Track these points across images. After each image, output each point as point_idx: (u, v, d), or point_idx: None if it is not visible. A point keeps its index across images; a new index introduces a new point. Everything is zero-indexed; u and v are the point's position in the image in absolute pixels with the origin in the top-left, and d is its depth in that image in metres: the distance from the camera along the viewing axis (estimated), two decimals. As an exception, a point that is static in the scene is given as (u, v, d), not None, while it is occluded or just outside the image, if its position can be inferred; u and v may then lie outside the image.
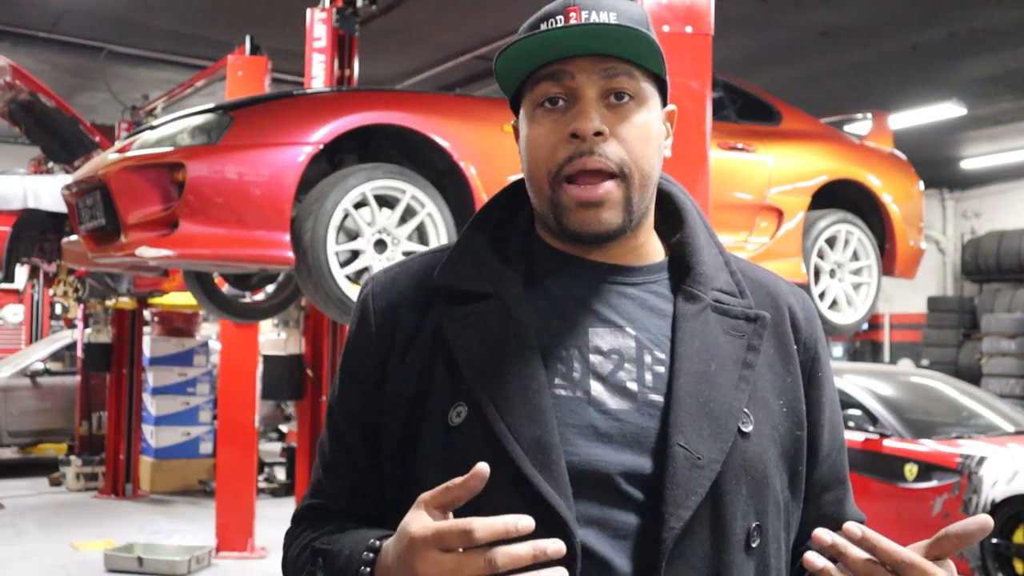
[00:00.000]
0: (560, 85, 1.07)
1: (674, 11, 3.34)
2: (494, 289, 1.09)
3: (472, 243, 1.14)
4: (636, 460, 1.02)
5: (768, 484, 1.07)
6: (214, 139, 3.53)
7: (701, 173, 3.37)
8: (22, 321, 14.15)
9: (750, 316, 1.12)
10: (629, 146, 1.07)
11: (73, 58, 9.36)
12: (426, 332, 1.10)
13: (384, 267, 1.22)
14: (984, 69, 9.49)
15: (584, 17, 1.05)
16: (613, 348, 1.07)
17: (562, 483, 0.99)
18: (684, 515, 0.99)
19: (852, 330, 5.63)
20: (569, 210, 1.07)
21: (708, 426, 1.03)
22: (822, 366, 1.17)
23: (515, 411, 1.01)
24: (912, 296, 15.34)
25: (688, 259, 1.13)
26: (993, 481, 5.62)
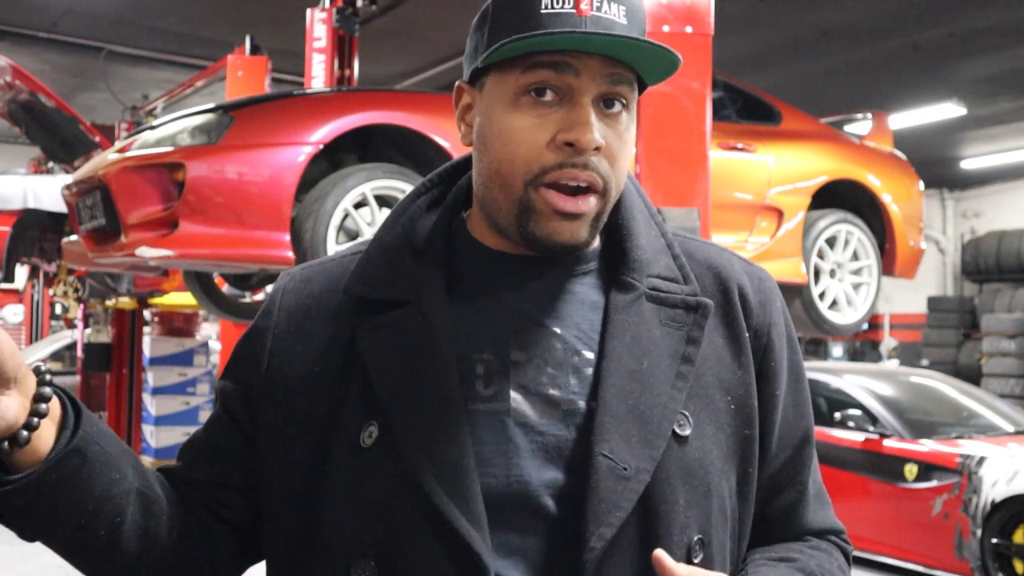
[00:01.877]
0: (560, 78, 0.95)
1: (674, 11, 3.34)
2: (411, 295, 0.99)
3: (386, 244, 1.03)
4: (558, 476, 0.93)
5: (711, 491, 0.96)
6: (214, 139, 3.53)
7: (701, 173, 3.37)
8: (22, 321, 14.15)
9: (690, 304, 1.00)
10: (615, 162, 0.97)
11: (73, 58, 9.37)
12: (339, 342, 1.00)
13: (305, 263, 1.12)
14: (984, 69, 9.50)
15: (595, 5, 0.93)
16: (536, 352, 0.97)
17: (476, 512, 0.90)
18: (606, 533, 0.90)
19: (852, 330, 5.63)
20: (542, 216, 0.96)
21: (637, 432, 0.93)
22: (775, 356, 1.05)
23: (426, 432, 0.92)
24: (912, 296, 15.35)
25: (623, 243, 1.02)
26: (993, 481, 5.62)
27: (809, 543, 1.09)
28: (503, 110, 0.97)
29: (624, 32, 0.93)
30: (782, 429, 1.06)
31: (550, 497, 0.93)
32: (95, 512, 0.92)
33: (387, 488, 0.93)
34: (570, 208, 0.95)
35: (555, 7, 0.93)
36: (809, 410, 1.10)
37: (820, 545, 1.09)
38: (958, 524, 5.76)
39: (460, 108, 1.04)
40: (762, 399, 1.03)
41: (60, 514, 0.91)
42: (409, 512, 0.91)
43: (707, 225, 3.35)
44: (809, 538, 1.09)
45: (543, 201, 0.95)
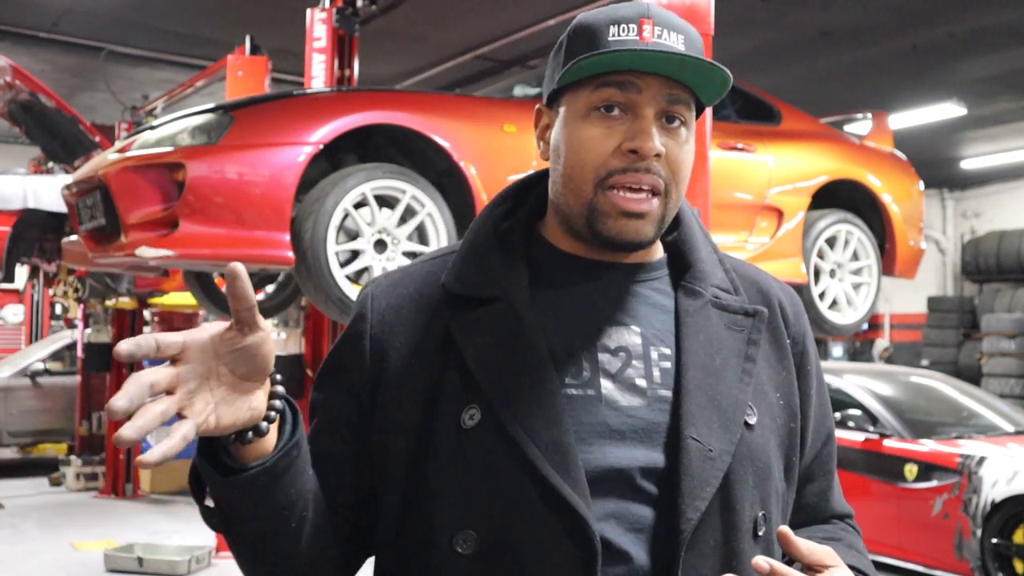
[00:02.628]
0: (625, 95, 1.08)
1: (674, 11, 3.34)
2: (501, 292, 1.10)
3: (476, 246, 1.15)
4: (650, 455, 1.05)
5: (771, 474, 1.10)
6: (214, 139, 3.53)
7: (701, 173, 3.37)
8: (22, 321, 14.15)
9: (748, 311, 1.14)
10: (675, 170, 1.09)
11: (73, 58, 9.36)
12: (433, 337, 1.10)
13: (385, 272, 1.23)
14: (984, 69, 9.50)
15: (657, 33, 1.07)
16: (620, 346, 1.10)
17: (579, 482, 1.01)
18: (700, 506, 1.02)
19: (852, 330, 5.63)
20: (609, 216, 1.08)
21: (717, 419, 1.06)
22: (810, 359, 1.21)
23: (530, 413, 1.03)
24: (912, 296, 15.35)
25: (687, 256, 1.16)
26: (993, 481, 5.62)
27: (838, 525, 1.27)
28: (575, 124, 1.10)
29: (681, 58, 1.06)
30: (815, 424, 1.21)
31: (643, 473, 1.04)
32: (293, 504, 1.04)
33: (491, 465, 1.02)
34: (633, 207, 1.08)
35: (621, 36, 1.08)
36: (831, 409, 1.26)
37: (847, 527, 1.27)
38: (958, 524, 5.76)
39: (539, 128, 1.18)
40: (801, 397, 1.18)
41: (270, 502, 1.01)
42: (515, 485, 1.01)
43: (707, 225, 3.35)
44: (835, 521, 1.27)
45: (610, 203, 1.08)
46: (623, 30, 1.08)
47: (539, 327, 1.08)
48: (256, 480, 0.99)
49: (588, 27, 1.10)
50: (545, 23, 8.13)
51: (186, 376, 0.92)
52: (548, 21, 8.08)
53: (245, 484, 0.99)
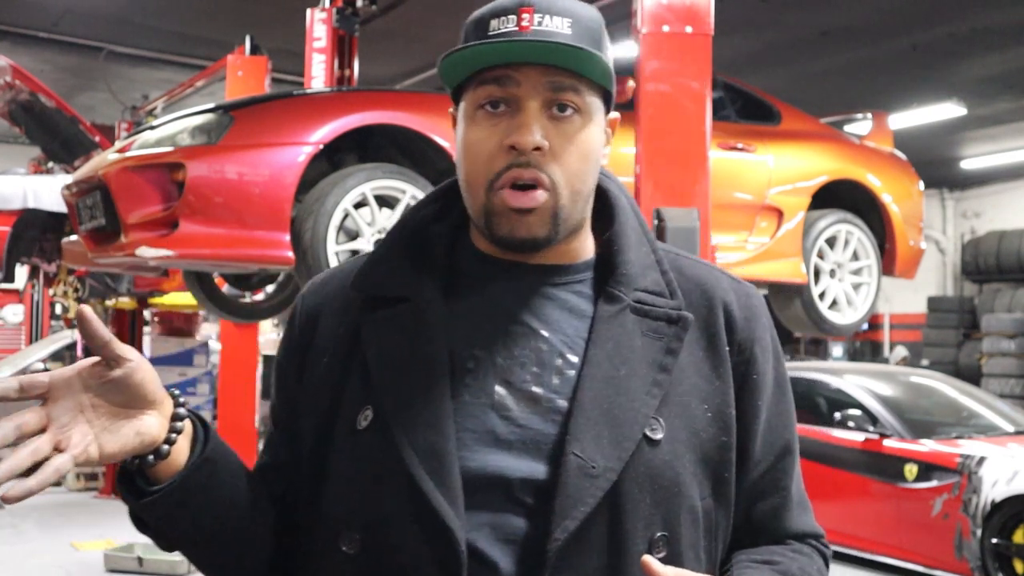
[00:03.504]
0: (504, 90, 1.04)
1: (674, 11, 3.34)
2: (410, 293, 1.08)
3: (391, 247, 1.13)
4: (533, 467, 1.01)
5: (680, 492, 1.03)
6: (214, 139, 3.53)
7: (701, 173, 3.37)
8: (22, 321, 14.14)
9: (672, 318, 1.08)
10: (566, 164, 1.05)
11: (73, 58, 9.37)
12: (346, 336, 1.10)
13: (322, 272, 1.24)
14: (984, 69, 9.50)
15: (537, 21, 1.03)
16: (524, 352, 1.06)
17: (452, 490, 0.99)
18: (570, 525, 0.97)
19: (852, 330, 5.63)
20: (501, 215, 1.05)
21: (609, 433, 1.00)
22: (758, 368, 1.12)
23: (414, 417, 1.02)
24: (912, 296, 15.35)
25: (613, 258, 1.11)
26: (993, 481, 5.62)
27: (791, 547, 1.14)
28: (465, 126, 1.08)
29: (569, 42, 1.02)
30: (765, 438, 1.13)
31: (524, 485, 1.01)
32: (225, 515, 1.06)
33: (376, 467, 1.02)
34: (519, 203, 1.04)
35: (501, 28, 1.04)
36: (792, 421, 1.17)
37: (802, 548, 1.15)
38: (958, 524, 5.76)
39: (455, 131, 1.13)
40: (744, 409, 1.10)
41: (197, 517, 1.04)
42: (393, 489, 1.00)
43: (707, 225, 3.35)
44: (791, 542, 1.15)
45: (500, 201, 1.05)
46: (503, 22, 1.04)
47: (443, 330, 1.06)
48: (165, 500, 1.01)
49: (475, 22, 1.08)
50: (545, 23, 8.12)
51: (57, 413, 0.95)
52: (548, 21, 8.08)
53: (153, 505, 1.01)
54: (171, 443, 1.00)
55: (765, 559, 1.10)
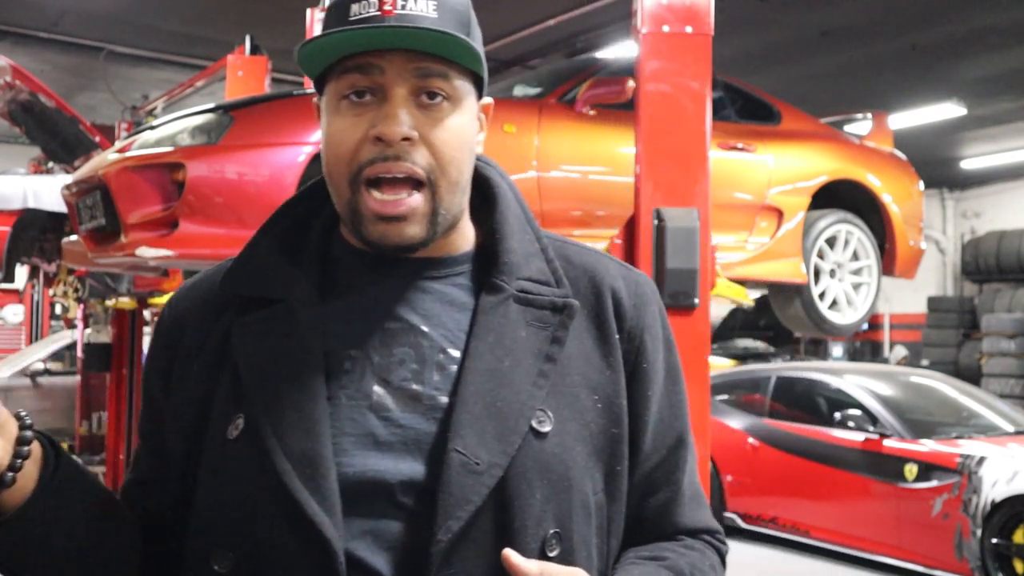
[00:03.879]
0: (368, 79, 0.99)
1: (674, 11, 3.34)
2: (284, 293, 1.03)
3: (261, 246, 1.07)
4: (414, 468, 0.96)
5: (572, 487, 0.98)
6: (214, 139, 3.53)
7: (701, 173, 3.37)
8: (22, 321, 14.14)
9: (557, 306, 1.03)
10: (439, 152, 0.99)
11: (73, 58, 9.37)
12: (215, 341, 1.04)
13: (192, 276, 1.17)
14: (984, 69, 9.50)
15: (400, 4, 0.97)
16: (402, 350, 1.01)
17: (328, 499, 0.94)
18: (454, 526, 0.92)
19: (852, 330, 5.63)
20: (368, 221, 0.99)
21: (493, 428, 0.96)
22: (648, 358, 1.07)
23: (287, 423, 0.96)
24: (912, 296, 15.34)
25: (495, 247, 1.05)
26: (993, 481, 5.62)
27: (683, 542, 1.10)
28: (328, 116, 1.02)
29: (431, 25, 0.97)
30: (656, 430, 1.08)
31: (404, 488, 0.96)
32: (80, 541, 0.99)
33: (248, 478, 0.96)
34: (390, 211, 0.98)
35: (362, 12, 0.98)
36: (684, 412, 1.12)
37: (693, 544, 1.10)
38: (958, 524, 5.76)
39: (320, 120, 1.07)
40: (635, 399, 1.06)
41: (48, 544, 0.96)
42: (266, 500, 0.95)
43: (707, 225, 3.35)
44: (683, 537, 1.10)
45: (366, 206, 0.99)
46: (364, 6, 0.98)
47: (317, 330, 1.01)
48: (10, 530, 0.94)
49: (335, 6, 1.01)
50: (545, 23, 8.13)
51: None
52: (548, 21, 8.08)
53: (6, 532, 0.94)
54: (16, 469, 0.93)
55: (653, 555, 1.06)
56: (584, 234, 4.45)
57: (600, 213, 4.46)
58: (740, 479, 7.34)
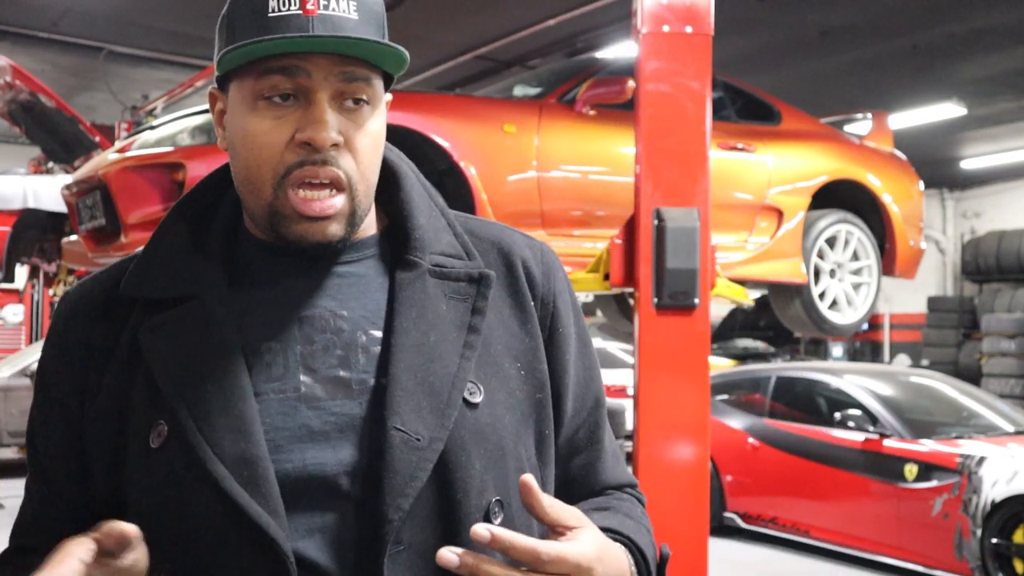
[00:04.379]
0: (292, 81, 0.96)
1: (674, 11, 3.34)
2: (192, 291, 1.00)
3: (164, 244, 1.04)
4: (353, 454, 0.95)
5: (506, 454, 0.99)
6: (214, 139, 3.54)
7: (701, 173, 3.37)
8: (22, 321, 14.14)
9: (473, 277, 1.04)
10: (360, 157, 0.99)
11: (73, 58, 9.37)
12: (123, 346, 1.00)
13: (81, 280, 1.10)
14: (984, 69, 9.50)
15: (323, 5, 0.95)
16: (324, 336, 0.99)
17: (270, 498, 0.91)
18: (404, 504, 0.92)
19: (852, 330, 5.63)
20: (290, 220, 0.98)
21: (428, 403, 0.95)
22: (563, 322, 1.09)
23: (216, 425, 0.93)
24: (912, 296, 15.35)
25: (404, 224, 1.05)
26: (993, 481, 5.62)
27: (612, 496, 1.12)
28: (244, 115, 0.98)
29: (353, 28, 0.96)
30: (575, 392, 1.10)
31: (347, 476, 0.94)
32: None
33: (180, 487, 0.92)
34: (316, 211, 0.97)
35: (282, 9, 0.95)
36: (599, 374, 1.15)
37: (622, 496, 1.13)
38: (958, 524, 5.76)
39: (216, 114, 1.05)
40: (554, 364, 1.07)
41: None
42: (204, 508, 0.91)
43: (707, 225, 3.35)
44: (610, 492, 1.13)
45: (290, 205, 0.97)
46: (284, 2, 0.95)
47: (233, 325, 0.98)
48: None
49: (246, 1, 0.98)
50: (545, 23, 8.13)
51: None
52: (548, 21, 8.08)
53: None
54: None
55: (597, 507, 1.07)
56: (584, 234, 4.46)
57: (600, 213, 4.46)
58: (740, 479, 7.35)
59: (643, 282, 3.28)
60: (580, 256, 4.11)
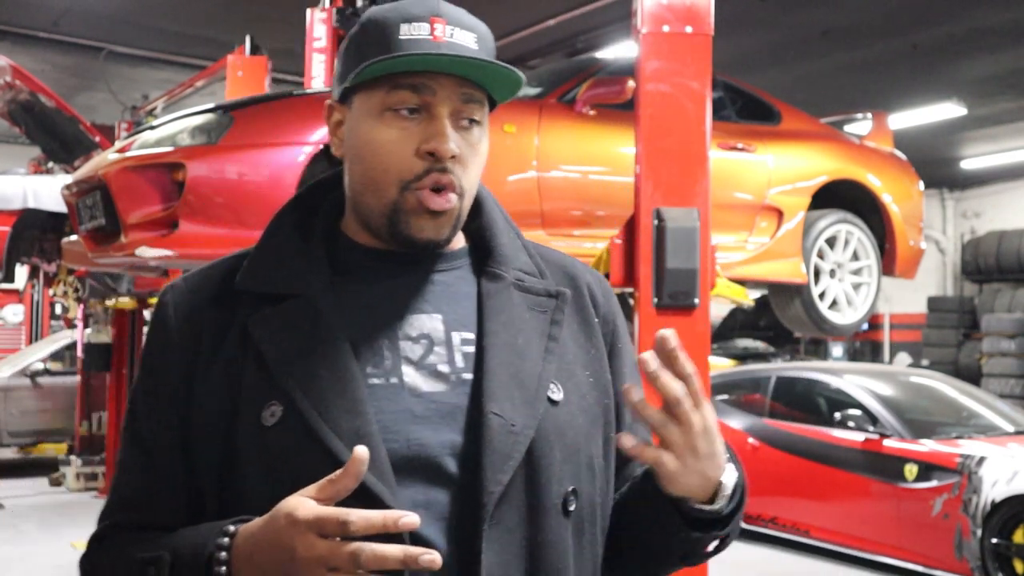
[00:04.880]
0: (420, 98, 1.08)
1: (674, 11, 3.34)
2: (300, 288, 1.10)
3: (273, 244, 1.16)
4: (455, 437, 1.05)
5: (580, 450, 1.10)
6: (214, 139, 3.53)
7: (701, 173, 3.37)
8: (22, 321, 14.14)
9: (551, 292, 1.17)
10: (469, 170, 1.12)
11: (73, 58, 9.37)
12: (232, 337, 1.09)
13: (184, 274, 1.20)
14: (984, 69, 9.50)
15: (449, 33, 1.08)
16: (422, 333, 1.11)
17: (385, 473, 1.01)
18: (503, 478, 1.02)
19: (852, 330, 5.63)
20: (412, 214, 1.10)
21: (520, 395, 1.07)
22: (620, 338, 1.24)
23: (331, 405, 1.03)
24: (912, 296, 15.34)
25: (488, 242, 1.18)
26: (993, 481, 5.62)
27: None
28: (370, 125, 1.10)
29: (475, 55, 1.08)
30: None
31: (448, 455, 1.05)
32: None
33: (295, 461, 1.01)
34: (437, 206, 1.09)
35: (412, 34, 1.08)
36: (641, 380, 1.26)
37: None
38: (958, 524, 5.76)
39: (332, 124, 1.17)
40: (614, 373, 1.20)
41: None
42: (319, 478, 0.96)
43: (707, 225, 3.35)
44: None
45: (416, 200, 1.09)
46: (415, 28, 1.08)
47: (339, 320, 1.09)
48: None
49: (379, 24, 1.10)
50: (545, 23, 8.13)
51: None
52: (548, 21, 8.08)
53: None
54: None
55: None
56: (584, 234, 4.45)
57: (600, 213, 4.46)
58: (740, 479, 7.34)
59: (643, 282, 3.28)
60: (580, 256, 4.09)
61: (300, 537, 0.91)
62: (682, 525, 1.07)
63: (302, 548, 0.91)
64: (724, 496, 1.06)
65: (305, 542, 0.91)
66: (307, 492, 0.94)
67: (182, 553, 1.01)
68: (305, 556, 0.91)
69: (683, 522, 1.06)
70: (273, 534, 0.93)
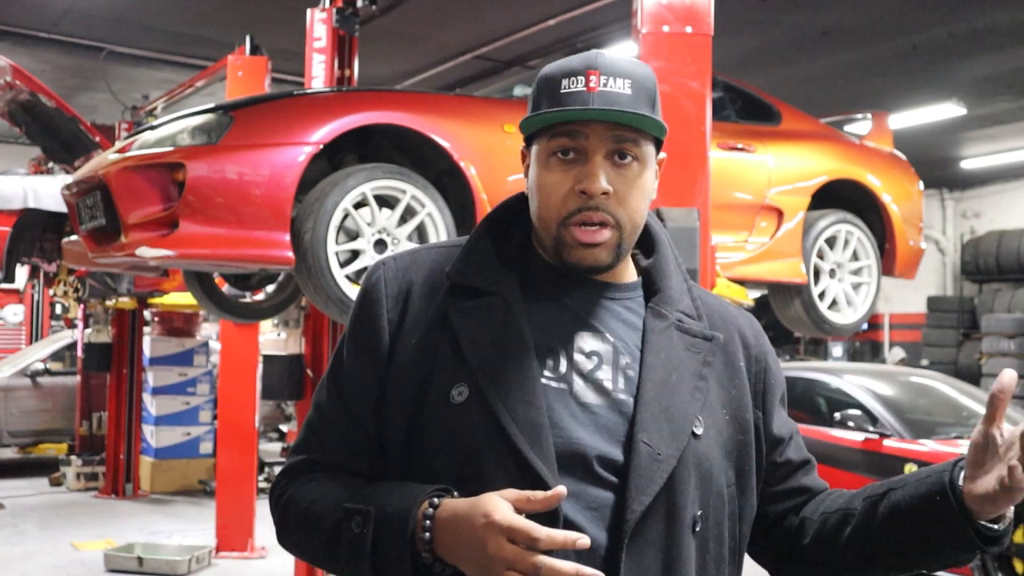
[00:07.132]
0: (575, 142, 1.24)
1: (674, 11, 3.34)
2: (497, 288, 1.27)
3: (479, 246, 1.32)
4: (608, 448, 1.20)
5: (712, 479, 1.25)
6: (214, 139, 3.53)
7: (701, 173, 3.37)
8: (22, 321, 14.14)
9: (707, 336, 1.31)
10: (627, 204, 1.26)
11: (73, 58, 9.37)
12: (434, 318, 1.27)
13: (393, 254, 1.37)
14: (984, 69, 9.50)
15: (602, 83, 1.23)
16: (594, 351, 1.26)
17: (549, 459, 1.16)
18: (645, 500, 1.17)
19: (852, 330, 5.63)
20: (571, 248, 1.26)
21: (668, 427, 1.21)
22: (772, 374, 1.39)
23: (511, 394, 1.19)
24: (912, 296, 15.34)
25: (658, 283, 1.34)
26: (993, 481, 5.61)
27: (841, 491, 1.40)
28: (539, 168, 1.28)
29: (626, 101, 1.23)
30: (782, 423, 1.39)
31: (600, 462, 1.20)
32: None
33: (475, 436, 1.18)
34: (587, 239, 1.25)
35: (570, 87, 1.24)
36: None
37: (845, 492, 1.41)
38: (958, 524, 5.76)
39: (525, 166, 1.34)
40: (767, 405, 1.37)
41: None
42: (494, 455, 1.16)
43: (707, 225, 3.35)
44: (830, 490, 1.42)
45: (570, 236, 1.26)
46: (572, 82, 1.24)
47: (526, 323, 1.24)
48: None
49: (547, 79, 1.27)
50: (545, 23, 8.13)
51: None
52: (548, 21, 8.09)
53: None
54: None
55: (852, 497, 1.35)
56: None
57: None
58: (740, 479, 7.35)
59: (643, 282, 3.27)
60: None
61: (493, 539, 1.08)
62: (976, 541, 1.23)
63: (493, 547, 1.08)
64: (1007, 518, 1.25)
65: (496, 543, 1.08)
66: (507, 496, 1.10)
67: (387, 512, 1.17)
68: (494, 555, 1.08)
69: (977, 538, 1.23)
70: (470, 525, 1.10)
